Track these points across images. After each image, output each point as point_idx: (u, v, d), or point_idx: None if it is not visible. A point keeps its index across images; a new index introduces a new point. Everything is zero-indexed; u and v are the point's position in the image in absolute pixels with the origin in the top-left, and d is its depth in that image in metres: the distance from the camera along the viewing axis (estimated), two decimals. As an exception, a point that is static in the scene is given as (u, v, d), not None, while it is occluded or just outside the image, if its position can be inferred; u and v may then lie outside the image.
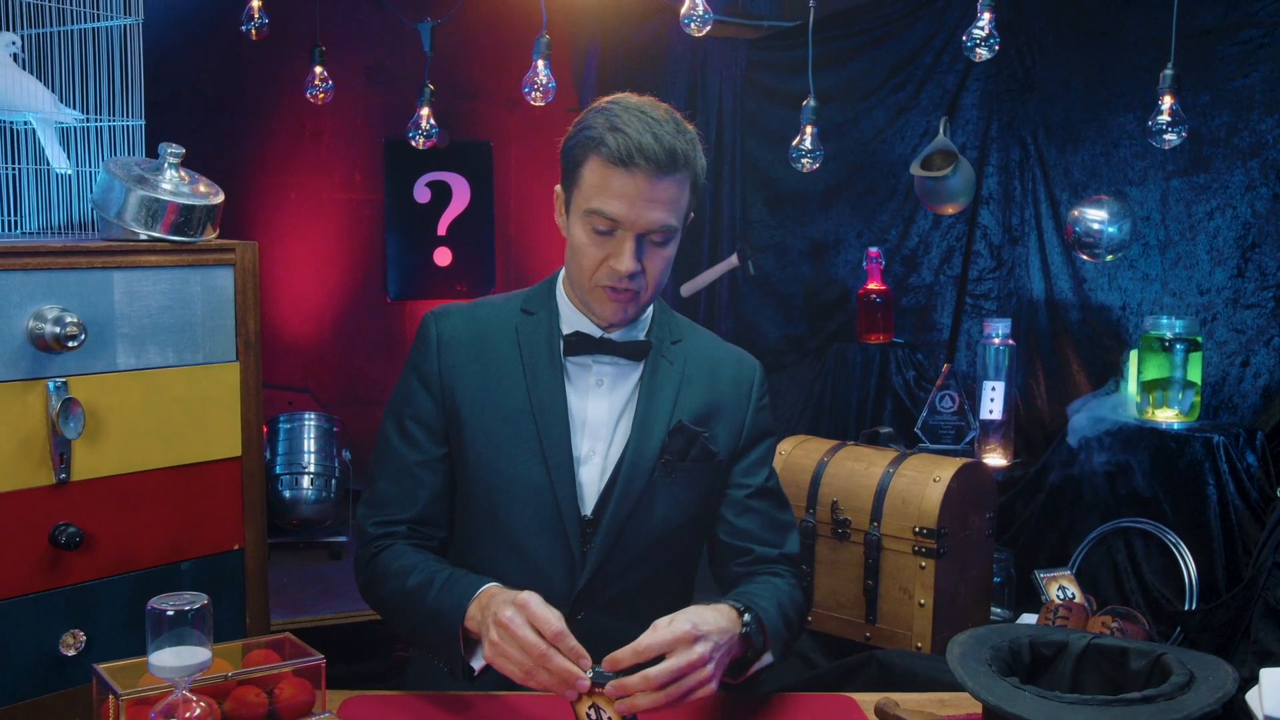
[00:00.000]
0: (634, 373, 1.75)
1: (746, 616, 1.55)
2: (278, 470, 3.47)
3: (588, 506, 1.72)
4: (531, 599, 1.45)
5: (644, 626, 1.70)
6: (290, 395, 3.92)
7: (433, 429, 1.75)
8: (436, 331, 1.77)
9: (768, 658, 1.60)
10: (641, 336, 1.76)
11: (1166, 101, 2.30)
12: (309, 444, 3.52)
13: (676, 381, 1.76)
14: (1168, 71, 2.30)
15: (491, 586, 1.57)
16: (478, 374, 1.74)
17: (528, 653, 1.42)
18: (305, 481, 3.48)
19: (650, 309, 1.80)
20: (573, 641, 1.42)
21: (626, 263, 1.61)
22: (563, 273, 1.80)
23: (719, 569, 1.85)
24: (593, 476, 1.73)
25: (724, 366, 1.81)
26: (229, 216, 2.11)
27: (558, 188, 1.73)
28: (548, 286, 1.80)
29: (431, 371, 1.75)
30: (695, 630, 1.44)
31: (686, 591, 1.85)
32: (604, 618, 1.71)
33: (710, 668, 1.44)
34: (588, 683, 1.39)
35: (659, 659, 1.42)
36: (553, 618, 1.43)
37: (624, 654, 1.42)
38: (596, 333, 1.74)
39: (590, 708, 1.40)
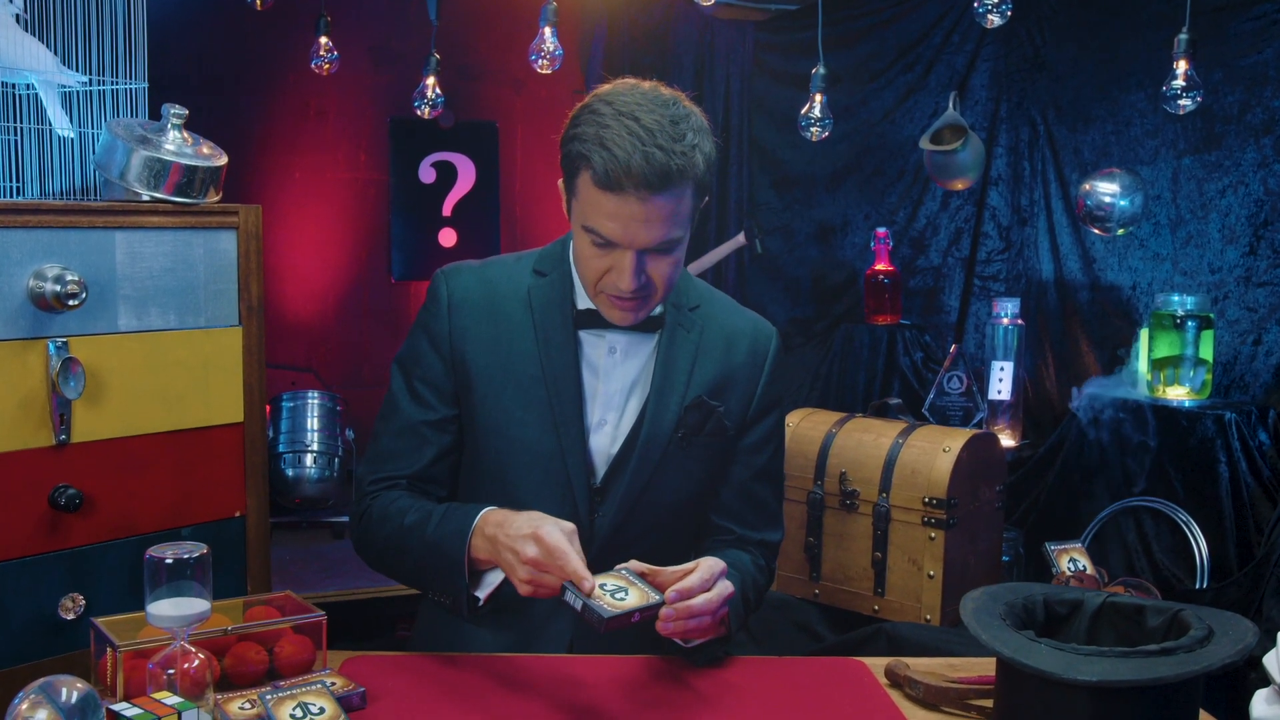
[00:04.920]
0: (649, 340, 1.71)
1: None
2: (281, 448, 3.45)
3: (598, 476, 1.70)
4: (546, 532, 1.46)
5: None
6: (294, 375, 3.89)
7: (442, 390, 1.72)
8: (448, 291, 1.73)
9: (721, 628, 1.60)
10: (656, 311, 1.71)
11: (1181, 66, 2.26)
12: (312, 422, 3.50)
13: (692, 352, 1.72)
14: (1182, 36, 2.26)
15: (490, 512, 1.57)
16: (489, 337, 1.71)
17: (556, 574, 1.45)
18: (308, 460, 3.45)
19: None
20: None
21: (627, 281, 1.56)
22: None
23: (696, 539, 1.85)
24: (603, 445, 1.71)
25: (740, 337, 1.77)
26: (233, 194, 2.09)
27: (560, 182, 1.66)
28: (561, 246, 1.76)
29: (442, 333, 1.72)
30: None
31: (685, 560, 1.83)
32: None
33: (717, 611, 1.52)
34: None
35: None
36: (561, 546, 1.45)
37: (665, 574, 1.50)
38: None
39: (606, 583, 1.44)
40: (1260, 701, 1.47)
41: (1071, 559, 2.21)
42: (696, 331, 1.73)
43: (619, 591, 1.42)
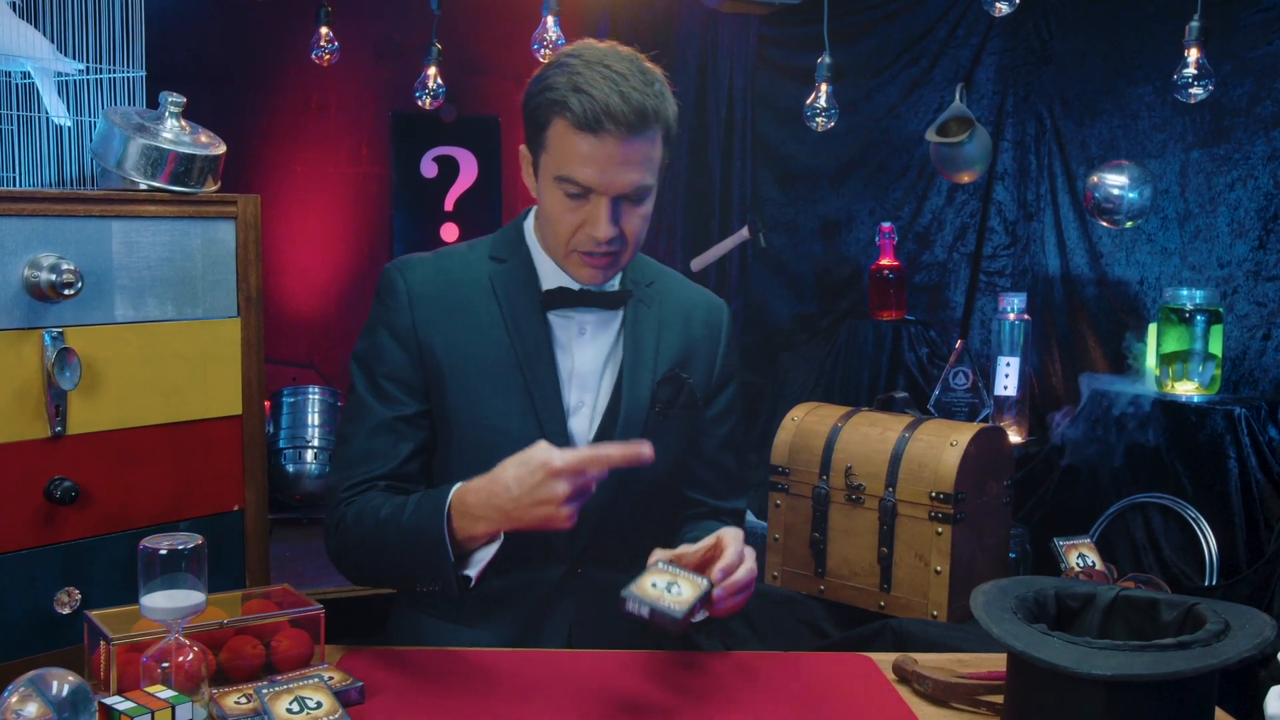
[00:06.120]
0: (615, 317, 1.73)
1: None
2: (281, 444, 3.42)
3: None
4: (557, 456, 1.43)
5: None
6: (295, 371, 3.86)
7: (411, 385, 1.68)
8: (405, 284, 1.69)
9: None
10: (618, 285, 1.74)
11: (1192, 54, 2.23)
12: (313, 418, 3.46)
13: (656, 326, 1.75)
14: (1194, 24, 2.23)
15: (462, 491, 1.52)
16: (455, 328, 1.68)
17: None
18: (309, 456, 3.42)
19: None
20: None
21: (604, 229, 1.57)
22: (532, 218, 1.74)
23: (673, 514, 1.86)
24: (582, 427, 1.70)
25: (696, 309, 1.82)
26: (233, 189, 2.07)
27: (522, 147, 1.67)
28: (515, 230, 1.75)
29: (405, 327, 1.67)
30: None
31: (671, 535, 1.81)
32: (603, 571, 1.69)
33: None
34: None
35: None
36: (578, 454, 1.45)
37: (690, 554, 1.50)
38: (577, 286, 1.69)
39: (656, 581, 1.41)
40: (1275, 698, 1.45)
41: (1080, 554, 2.18)
42: (656, 306, 1.77)
43: (672, 586, 1.40)
